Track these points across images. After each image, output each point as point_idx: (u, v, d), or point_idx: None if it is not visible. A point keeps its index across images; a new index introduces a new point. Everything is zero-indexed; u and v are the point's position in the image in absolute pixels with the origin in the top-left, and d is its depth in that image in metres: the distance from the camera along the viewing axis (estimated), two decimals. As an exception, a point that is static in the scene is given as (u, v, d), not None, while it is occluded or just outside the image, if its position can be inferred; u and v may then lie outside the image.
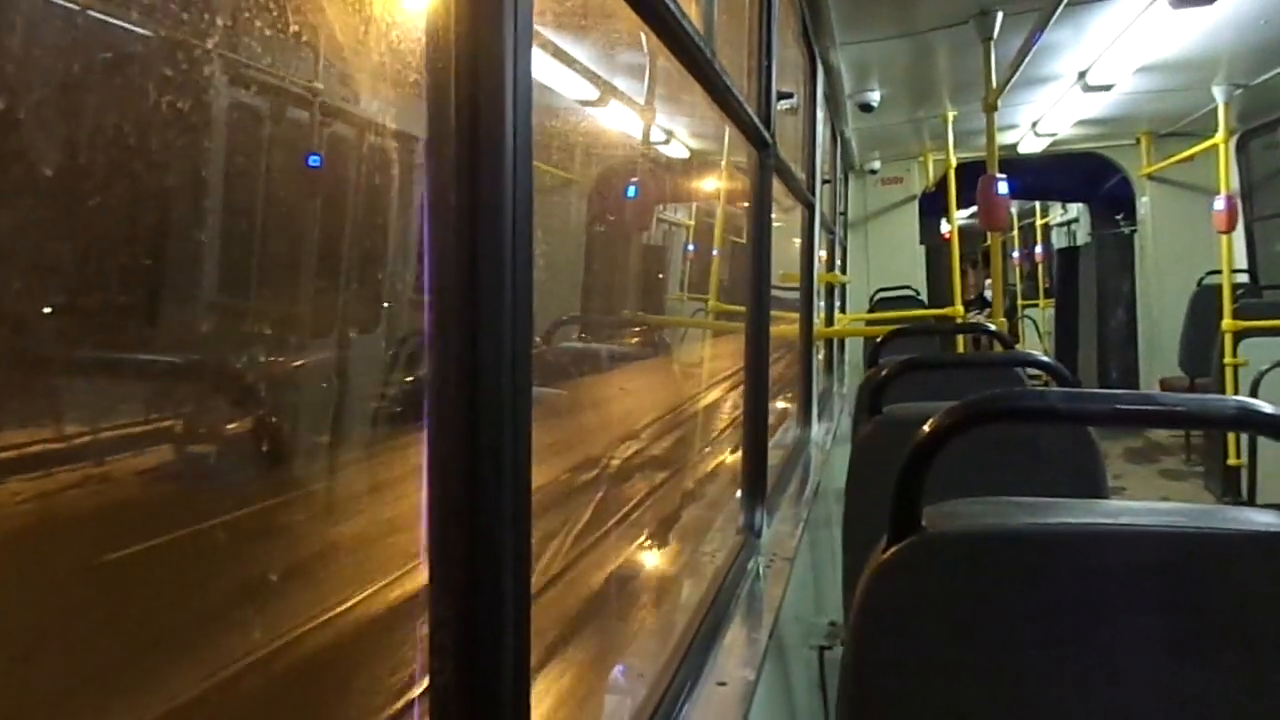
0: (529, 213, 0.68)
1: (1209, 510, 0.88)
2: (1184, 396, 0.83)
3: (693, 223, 8.06)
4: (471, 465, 0.63)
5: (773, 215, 3.21)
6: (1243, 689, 0.83)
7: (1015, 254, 11.98)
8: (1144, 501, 0.97)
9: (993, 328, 3.00)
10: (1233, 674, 0.83)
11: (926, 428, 0.86)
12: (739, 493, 2.06)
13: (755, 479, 2.05)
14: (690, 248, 8.12)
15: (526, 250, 0.68)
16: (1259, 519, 0.86)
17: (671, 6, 1.12)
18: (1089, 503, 0.93)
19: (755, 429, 2.07)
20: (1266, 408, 0.85)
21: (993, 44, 3.45)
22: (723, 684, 1.35)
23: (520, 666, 0.68)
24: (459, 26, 0.63)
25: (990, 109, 3.64)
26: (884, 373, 1.75)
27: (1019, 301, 10.83)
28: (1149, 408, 0.84)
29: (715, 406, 3.74)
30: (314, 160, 1.51)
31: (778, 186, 3.02)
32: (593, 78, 3.87)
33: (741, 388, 2.15)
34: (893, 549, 0.84)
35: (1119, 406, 0.85)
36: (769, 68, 2.12)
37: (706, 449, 3.28)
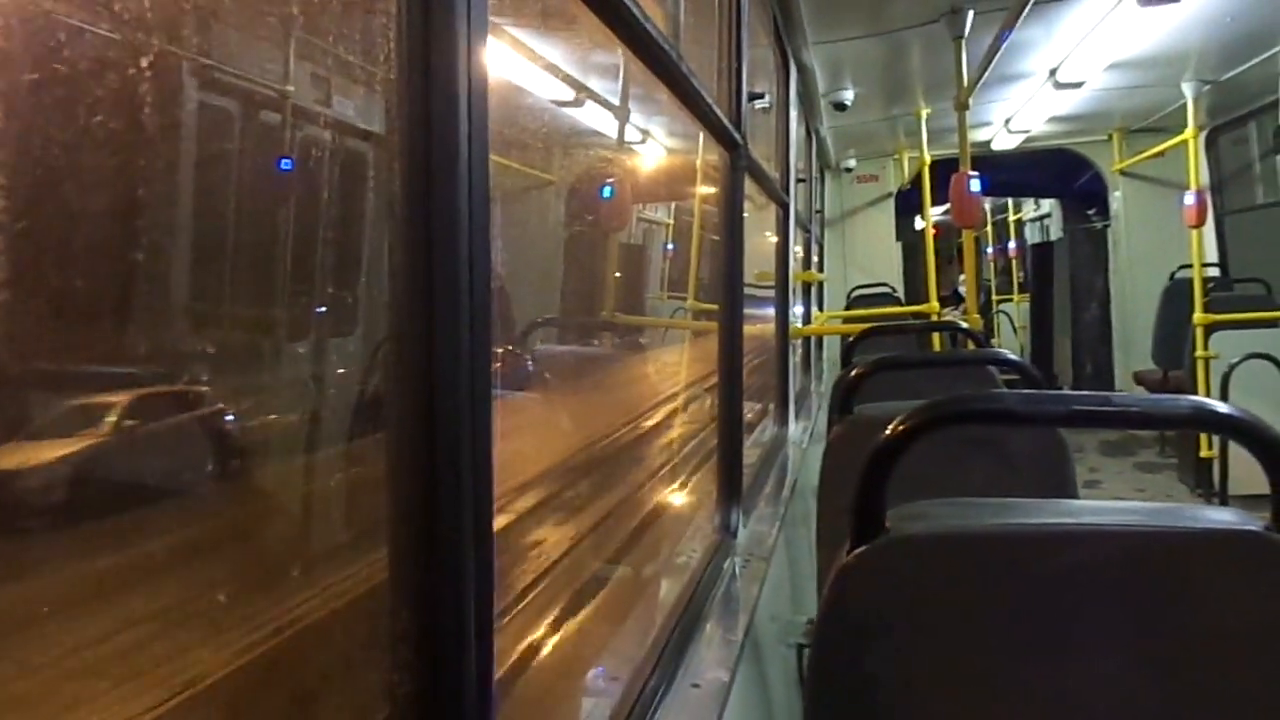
0: (485, 217, 0.67)
1: (1168, 509, 0.89)
2: (1139, 397, 0.83)
3: (671, 221, 8.06)
4: (429, 476, 0.63)
5: (749, 213, 3.21)
6: (1204, 684, 0.84)
7: (989, 249, 12.06)
8: (1105, 501, 0.98)
9: (965, 325, 3.02)
10: (1194, 670, 0.84)
11: (885, 434, 0.86)
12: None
13: (730, 479, 2.05)
14: (669, 246, 8.11)
15: (484, 256, 0.67)
16: (1217, 517, 0.87)
17: (634, 10, 1.12)
18: (1051, 503, 0.93)
19: (729, 429, 2.07)
20: (1221, 407, 0.86)
21: (964, 43, 3.47)
22: (697, 686, 1.35)
23: (485, 679, 0.67)
24: (411, 23, 0.62)
25: (961, 107, 3.66)
26: (854, 373, 1.76)
27: (993, 296, 10.90)
28: (1105, 408, 0.85)
29: (687, 411, 3.71)
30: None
31: (752, 185, 3.02)
32: (568, 78, 3.87)
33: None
34: (855, 552, 0.85)
35: (1075, 407, 0.85)
36: (739, 69, 2.13)
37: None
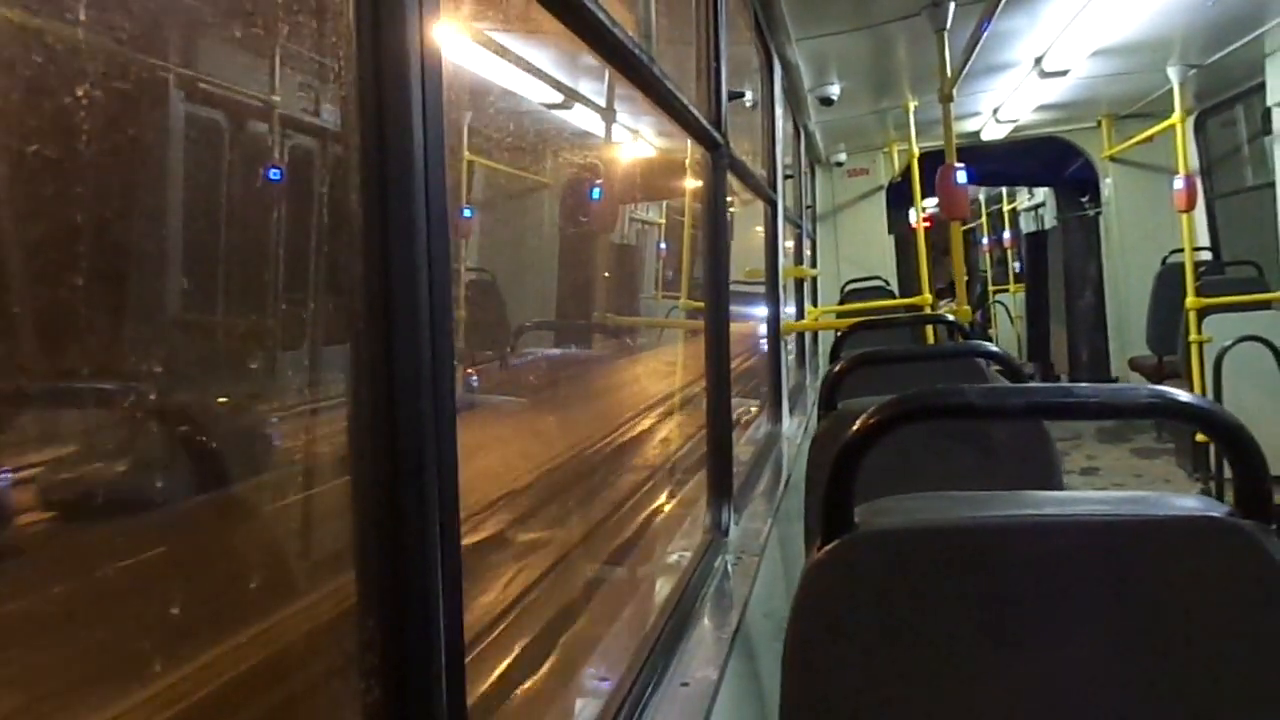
0: (445, 220, 0.67)
1: (1136, 497, 0.90)
2: (1099, 387, 0.84)
3: (663, 221, 8.07)
4: (391, 484, 0.63)
5: (738, 211, 3.21)
6: (1175, 668, 0.85)
7: (984, 240, 12.06)
8: (1075, 491, 0.99)
9: (951, 318, 3.03)
10: (1164, 654, 0.85)
11: (852, 430, 0.87)
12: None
13: (720, 476, 2.06)
14: (662, 246, 8.13)
15: (444, 261, 0.67)
16: (1184, 504, 0.87)
17: (602, 16, 1.12)
18: (1021, 494, 0.94)
19: (718, 426, 2.07)
20: (1182, 395, 0.86)
21: (946, 35, 3.48)
22: (686, 684, 1.36)
23: (455, 686, 0.68)
24: (359, 14, 0.61)
25: (946, 99, 3.67)
26: (837, 368, 1.77)
27: (989, 287, 10.90)
28: (1064, 400, 0.85)
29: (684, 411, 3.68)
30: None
31: (739, 183, 3.03)
32: (555, 82, 3.87)
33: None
34: (825, 548, 0.85)
35: (1034, 400, 0.86)
36: (718, 68, 2.13)
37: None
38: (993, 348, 2.00)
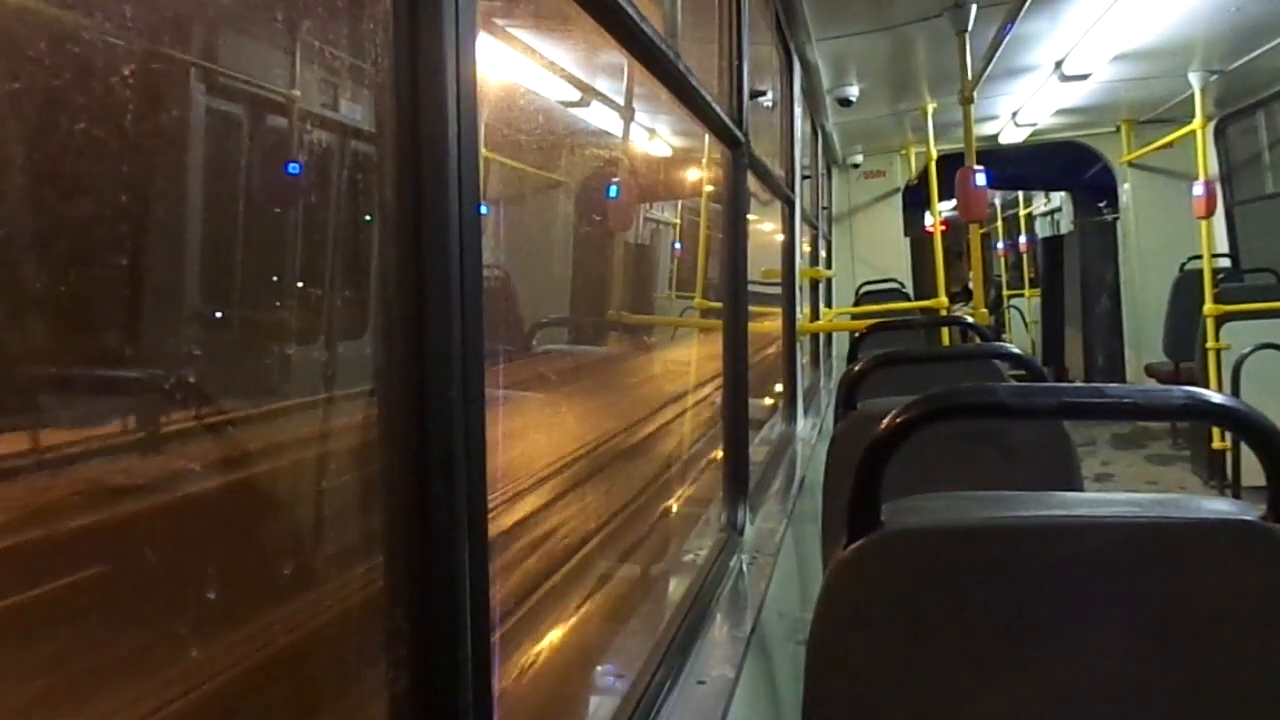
0: (476, 216, 0.67)
1: (1165, 500, 0.89)
2: (1132, 388, 0.83)
3: (679, 221, 8.05)
4: (421, 473, 0.63)
5: (754, 211, 3.21)
6: (1201, 673, 0.84)
7: (1000, 244, 12.02)
8: (1102, 493, 0.98)
9: (970, 320, 3.02)
10: (1192, 659, 0.84)
11: (878, 429, 0.86)
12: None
13: (737, 476, 2.05)
14: (677, 246, 8.11)
15: (475, 255, 0.67)
16: (1214, 507, 0.87)
17: (630, 10, 1.12)
18: (1048, 495, 0.93)
19: (735, 426, 2.07)
20: (1216, 397, 0.86)
21: (967, 36, 3.47)
22: (702, 682, 1.36)
23: (481, 676, 0.68)
24: (398, 22, 0.62)
25: (966, 101, 3.65)
26: (856, 369, 1.76)
27: (1004, 292, 10.86)
28: (1096, 400, 0.84)
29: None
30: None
31: (757, 183, 3.02)
32: (573, 78, 3.87)
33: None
34: (851, 546, 0.85)
35: (1066, 399, 0.85)
36: (741, 66, 2.12)
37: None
38: (1015, 349, 1.99)
